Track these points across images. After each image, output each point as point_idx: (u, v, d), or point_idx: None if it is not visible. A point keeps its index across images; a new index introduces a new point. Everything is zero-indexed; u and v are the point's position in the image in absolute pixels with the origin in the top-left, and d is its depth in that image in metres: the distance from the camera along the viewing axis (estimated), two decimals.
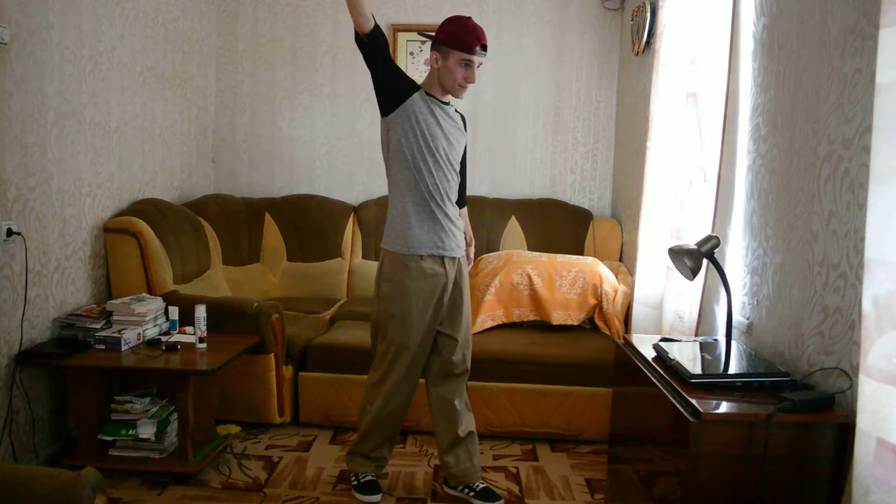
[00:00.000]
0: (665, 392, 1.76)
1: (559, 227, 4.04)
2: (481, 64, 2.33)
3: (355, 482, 2.56)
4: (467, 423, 2.54)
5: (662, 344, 2.04)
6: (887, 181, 1.32)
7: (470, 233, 2.65)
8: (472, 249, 2.66)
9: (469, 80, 2.32)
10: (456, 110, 2.48)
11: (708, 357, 2.00)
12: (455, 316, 2.47)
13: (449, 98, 2.42)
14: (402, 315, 2.37)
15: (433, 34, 2.36)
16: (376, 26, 2.21)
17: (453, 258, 2.43)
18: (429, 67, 2.40)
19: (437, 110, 2.35)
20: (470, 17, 2.31)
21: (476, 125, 4.20)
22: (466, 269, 2.53)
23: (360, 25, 2.18)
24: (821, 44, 1.78)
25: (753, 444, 1.57)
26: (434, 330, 2.44)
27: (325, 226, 4.06)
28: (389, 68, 2.30)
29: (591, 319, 3.39)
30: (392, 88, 2.31)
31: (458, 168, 2.46)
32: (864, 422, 1.37)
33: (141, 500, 2.49)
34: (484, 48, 2.29)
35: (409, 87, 2.34)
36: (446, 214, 2.39)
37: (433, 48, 2.34)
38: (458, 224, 2.46)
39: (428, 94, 2.36)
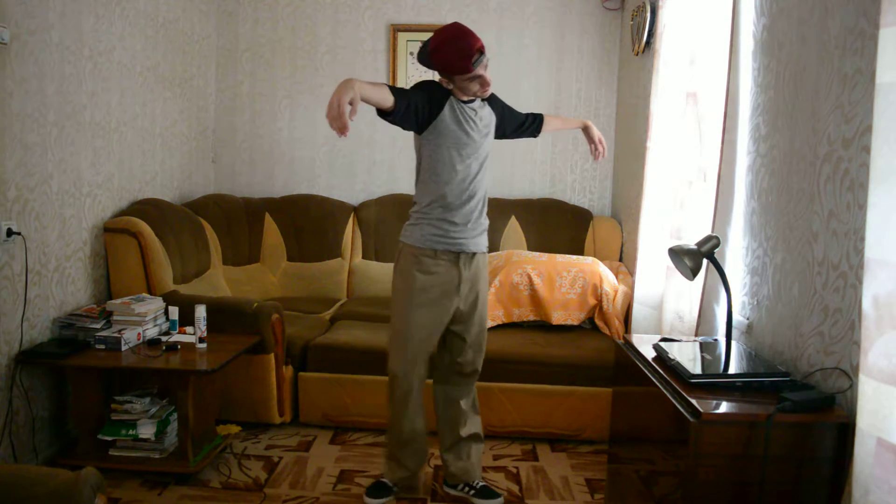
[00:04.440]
0: (665, 392, 1.76)
1: (559, 227, 4.04)
2: (489, 61, 2.26)
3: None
4: (472, 425, 2.54)
5: (662, 344, 2.04)
6: (887, 181, 1.32)
7: (575, 122, 2.76)
8: (595, 130, 2.66)
9: (485, 85, 2.28)
10: (481, 98, 2.39)
11: (708, 357, 2.00)
12: (467, 316, 2.44)
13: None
14: (406, 307, 2.36)
15: (428, 58, 2.27)
16: (397, 99, 2.11)
17: (470, 254, 2.39)
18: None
19: (465, 114, 2.31)
20: (455, 29, 2.23)
21: None
22: (486, 268, 2.49)
23: (383, 108, 2.11)
24: (821, 44, 1.78)
25: (753, 444, 1.57)
26: (441, 329, 2.42)
27: (325, 226, 4.06)
28: (421, 114, 2.23)
29: (591, 319, 3.39)
30: (427, 120, 2.26)
31: (484, 165, 2.38)
32: (864, 422, 1.37)
33: (141, 500, 2.50)
34: (482, 52, 2.20)
35: (439, 103, 2.26)
36: (466, 215, 2.35)
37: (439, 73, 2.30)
38: (481, 223, 2.41)
39: (454, 97, 2.31)
